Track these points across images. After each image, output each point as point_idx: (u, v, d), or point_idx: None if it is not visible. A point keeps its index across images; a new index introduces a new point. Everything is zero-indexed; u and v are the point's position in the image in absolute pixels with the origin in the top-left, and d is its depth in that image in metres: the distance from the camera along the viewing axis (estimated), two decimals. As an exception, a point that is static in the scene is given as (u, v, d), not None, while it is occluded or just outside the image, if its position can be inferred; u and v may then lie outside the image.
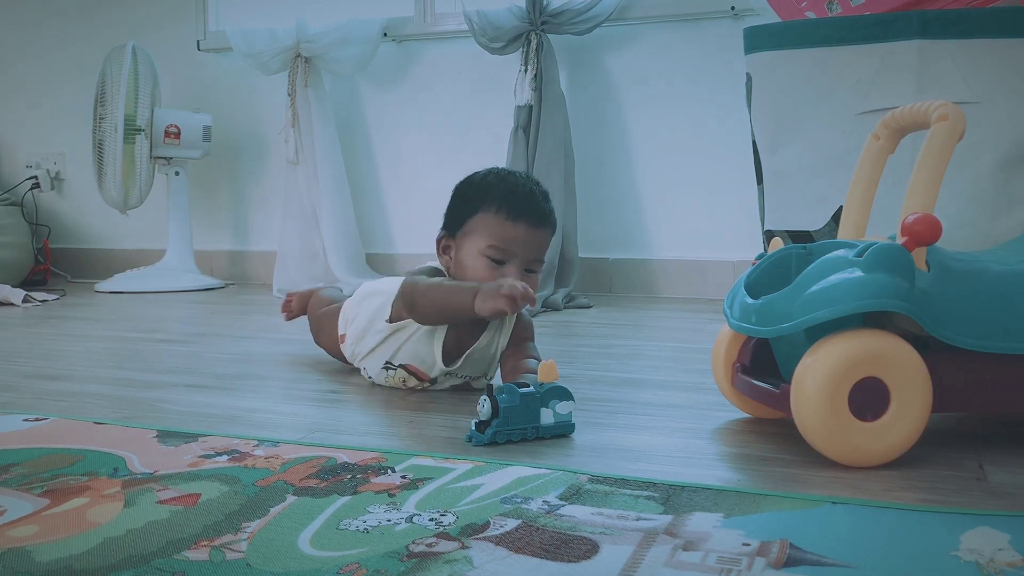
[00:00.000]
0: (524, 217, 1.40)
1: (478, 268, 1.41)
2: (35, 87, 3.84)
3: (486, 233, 1.41)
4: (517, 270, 1.40)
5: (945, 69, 1.70)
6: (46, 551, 0.82)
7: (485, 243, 1.41)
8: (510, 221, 1.40)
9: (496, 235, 1.40)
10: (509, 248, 1.40)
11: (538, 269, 1.45)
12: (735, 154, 2.66)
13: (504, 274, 1.39)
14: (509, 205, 1.41)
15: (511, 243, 1.40)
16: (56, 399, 1.48)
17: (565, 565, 0.77)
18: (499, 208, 1.41)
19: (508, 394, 1.15)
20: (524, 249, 1.41)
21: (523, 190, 1.44)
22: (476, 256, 1.41)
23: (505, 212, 1.40)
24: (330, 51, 3.16)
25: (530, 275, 1.43)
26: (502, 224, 1.40)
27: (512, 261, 1.40)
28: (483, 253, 1.41)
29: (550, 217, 1.44)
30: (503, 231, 1.40)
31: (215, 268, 3.55)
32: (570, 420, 1.19)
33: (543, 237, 1.43)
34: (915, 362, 1.04)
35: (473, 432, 1.16)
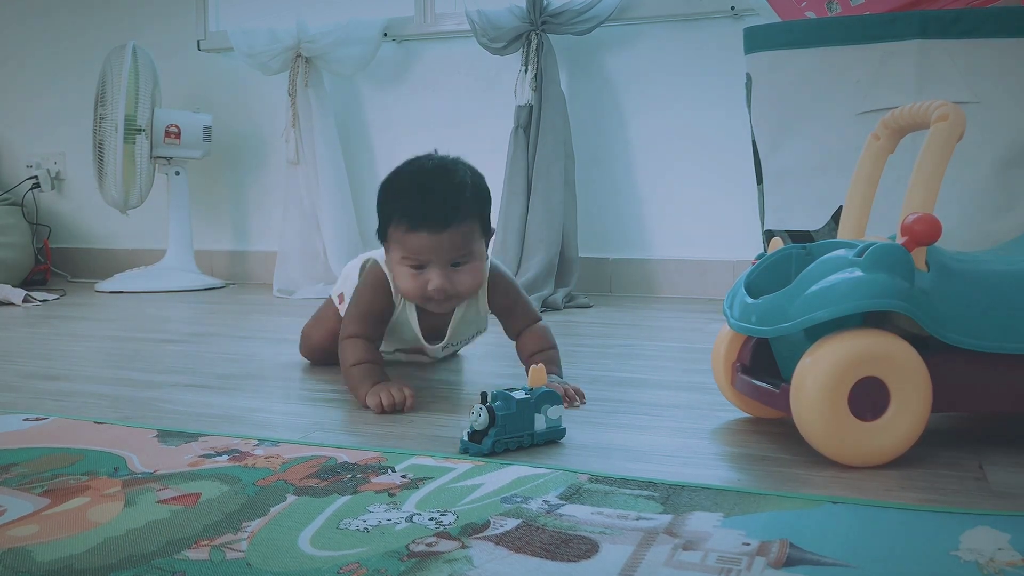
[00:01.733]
0: (423, 226, 1.37)
1: (402, 277, 1.42)
2: (35, 87, 3.84)
3: (397, 245, 1.41)
4: (438, 273, 1.39)
5: (945, 69, 1.70)
6: (46, 551, 0.82)
7: (399, 254, 1.41)
8: (411, 232, 1.38)
9: (404, 247, 1.39)
10: (419, 257, 1.39)
11: (467, 261, 1.41)
12: (735, 154, 2.66)
13: (428, 278, 1.39)
14: (407, 215, 1.38)
15: (419, 252, 1.39)
16: (56, 399, 1.48)
17: (565, 565, 0.77)
18: (399, 220, 1.39)
19: (503, 401, 1.13)
20: (435, 255, 1.38)
21: (422, 192, 1.39)
22: (397, 265, 1.42)
23: (405, 224, 1.38)
24: (330, 51, 3.16)
25: (459, 268, 1.41)
26: (405, 236, 1.38)
27: (429, 265, 1.39)
28: (401, 263, 1.41)
29: (456, 213, 1.37)
30: (408, 242, 1.38)
31: (215, 268, 3.55)
32: (560, 425, 1.18)
33: (452, 237, 1.38)
34: (915, 362, 1.04)
35: (467, 443, 1.13)
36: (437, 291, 1.39)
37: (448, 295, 1.41)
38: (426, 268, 1.39)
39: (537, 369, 1.18)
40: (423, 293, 1.41)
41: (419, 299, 1.43)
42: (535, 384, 1.17)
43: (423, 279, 1.40)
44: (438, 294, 1.40)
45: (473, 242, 1.42)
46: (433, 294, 1.40)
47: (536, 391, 1.16)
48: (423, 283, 1.40)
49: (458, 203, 1.39)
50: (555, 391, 1.18)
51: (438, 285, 1.39)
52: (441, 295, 1.40)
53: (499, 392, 1.15)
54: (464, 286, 1.42)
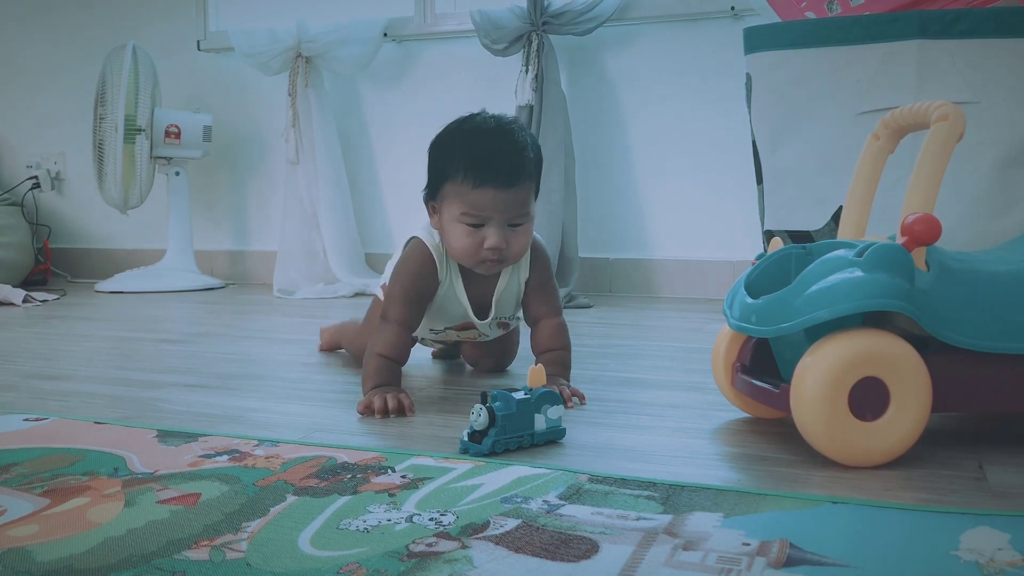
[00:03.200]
0: (490, 182, 1.34)
1: (457, 235, 1.38)
2: (35, 87, 3.84)
3: (457, 201, 1.37)
4: (496, 231, 1.36)
5: (945, 69, 1.70)
6: (46, 551, 0.82)
7: (458, 211, 1.37)
8: (477, 188, 1.35)
9: (466, 203, 1.36)
10: (481, 214, 1.36)
11: (524, 221, 1.39)
12: (735, 154, 2.66)
13: (484, 236, 1.36)
14: (474, 170, 1.35)
15: (482, 208, 1.36)
16: (56, 399, 1.48)
17: (565, 565, 0.77)
18: (464, 175, 1.35)
19: (503, 401, 1.13)
20: (497, 212, 1.36)
21: (488, 149, 1.37)
22: (454, 223, 1.38)
23: (471, 179, 1.35)
24: (331, 51, 3.16)
25: (515, 229, 1.39)
26: (469, 192, 1.35)
27: (489, 223, 1.37)
28: (459, 220, 1.37)
29: (521, 172, 1.37)
30: (471, 198, 1.35)
31: (215, 268, 3.55)
32: (560, 425, 1.17)
33: (517, 195, 1.37)
34: (915, 362, 1.04)
35: (467, 443, 1.12)
36: (493, 249, 1.37)
37: (502, 256, 1.38)
38: (484, 226, 1.37)
39: (536, 369, 1.18)
40: (477, 252, 1.38)
41: (471, 259, 1.39)
42: (534, 384, 1.17)
43: (479, 237, 1.37)
44: (493, 253, 1.37)
45: (531, 204, 1.41)
46: (488, 253, 1.37)
47: (536, 391, 1.16)
48: (479, 241, 1.37)
49: (523, 162, 1.38)
50: (555, 391, 1.17)
51: (495, 243, 1.36)
52: (496, 255, 1.38)
53: (499, 392, 1.15)
54: (518, 247, 1.40)
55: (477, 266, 1.41)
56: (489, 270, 1.42)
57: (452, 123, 1.44)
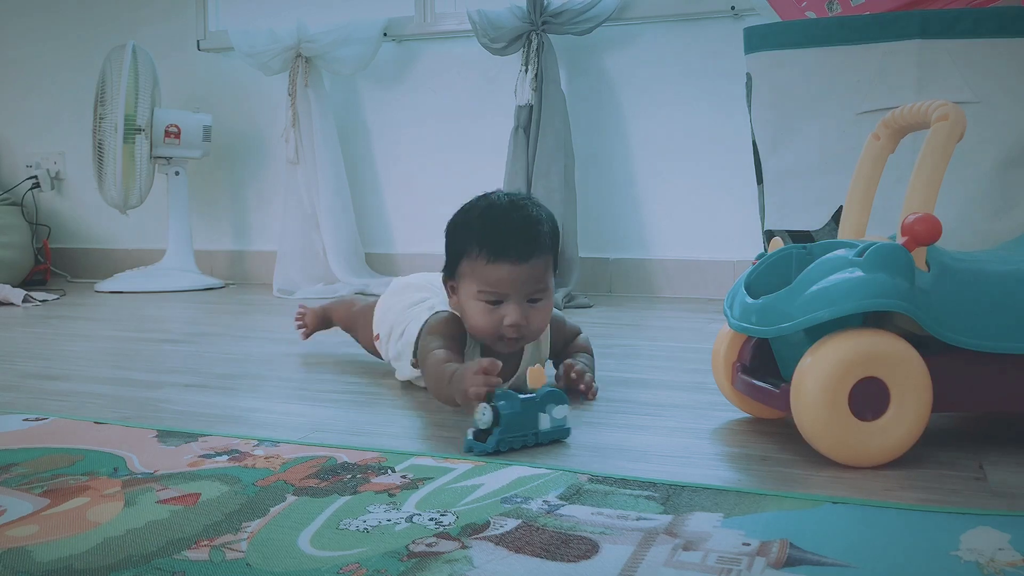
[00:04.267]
0: (505, 257, 1.33)
1: (476, 313, 1.35)
2: (35, 87, 3.84)
3: (473, 278, 1.35)
4: (515, 308, 1.34)
5: (945, 69, 1.70)
6: (46, 551, 0.82)
7: (475, 288, 1.35)
8: (492, 263, 1.33)
9: (482, 280, 1.34)
10: (499, 290, 1.34)
11: (543, 296, 1.37)
12: (735, 154, 2.66)
13: (503, 313, 1.34)
14: (488, 245, 1.33)
15: (499, 285, 1.33)
16: (56, 399, 1.48)
17: (565, 565, 0.77)
18: (479, 251, 1.34)
19: (507, 400, 1.13)
20: (514, 288, 1.34)
21: (503, 226, 1.35)
22: (472, 301, 1.36)
23: (486, 255, 1.33)
24: (330, 51, 3.16)
25: (535, 305, 1.36)
26: (484, 268, 1.33)
27: (507, 300, 1.34)
28: (476, 298, 1.35)
29: (536, 245, 1.35)
30: (487, 275, 1.33)
31: (215, 268, 3.55)
32: (565, 424, 1.17)
33: (534, 269, 1.35)
34: (915, 362, 1.04)
35: (472, 442, 1.12)
36: (512, 327, 1.34)
37: (522, 332, 1.35)
38: (502, 303, 1.34)
39: (535, 369, 1.17)
40: (497, 330, 1.35)
41: (492, 337, 1.36)
42: (535, 385, 1.16)
43: (498, 315, 1.34)
44: (513, 331, 1.34)
45: (549, 277, 1.38)
46: (508, 331, 1.34)
47: (541, 390, 1.15)
48: (498, 319, 1.34)
49: (538, 235, 1.36)
50: (560, 391, 1.17)
51: (514, 320, 1.33)
52: (516, 332, 1.35)
53: (504, 391, 1.15)
54: (538, 323, 1.37)
55: (497, 343, 1.38)
56: (510, 347, 1.39)
57: (471, 201, 1.42)
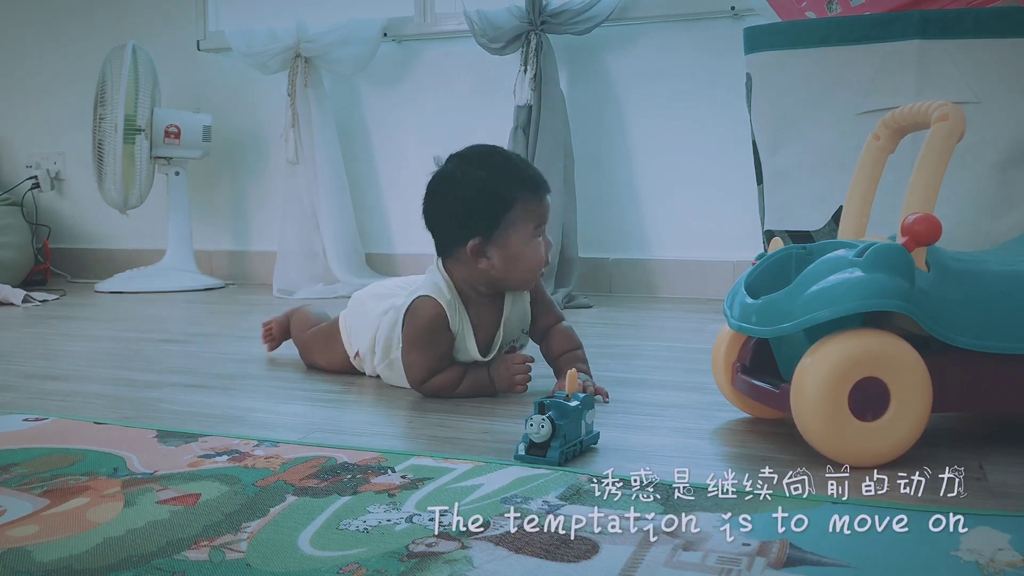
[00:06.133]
0: (544, 187, 1.46)
1: (536, 249, 1.44)
2: (35, 87, 3.84)
3: (526, 218, 1.43)
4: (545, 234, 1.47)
5: (945, 69, 1.70)
6: (46, 551, 0.82)
7: (532, 225, 1.44)
8: (542, 197, 1.45)
9: (537, 215, 1.44)
10: (545, 220, 1.46)
11: None
12: (735, 154, 2.66)
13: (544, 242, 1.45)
14: (533, 183, 1.45)
15: (544, 215, 1.46)
16: (56, 399, 1.48)
17: (565, 565, 0.77)
18: (530, 190, 1.44)
19: (557, 410, 1.10)
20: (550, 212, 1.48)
21: (524, 164, 1.49)
22: (527, 241, 1.43)
23: (535, 191, 1.44)
24: (330, 51, 3.16)
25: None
26: (538, 204, 1.44)
27: (543, 228, 1.46)
28: (533, 235, 1.44)
29: None
30: (541, 208, 1.45)
31: (215, 268, 3.55)
32: (595, 430, 1.16)
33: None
34: (915, 362, 1.04)
35: (529, 456, 1.09)
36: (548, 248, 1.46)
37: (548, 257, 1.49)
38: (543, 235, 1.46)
39: (573, 374, 1.16)
40: (543, 260, 1.46)
41: (539, 269, 1.47)
42: (572, 390, 1.14)
43: (544, 245, 1.46)
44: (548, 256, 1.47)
45: None
46: (548, 255, 1.47)
47: (577, 397, 1.13)
48: (545, 249, 1.46)
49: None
50: (591, 397, 1.16)
51: (550, 243, 1.47)
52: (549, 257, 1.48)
53: (553, 401, 1.11)
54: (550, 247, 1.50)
55: (534, 279, 1.48)
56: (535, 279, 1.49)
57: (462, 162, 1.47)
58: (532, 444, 1.09)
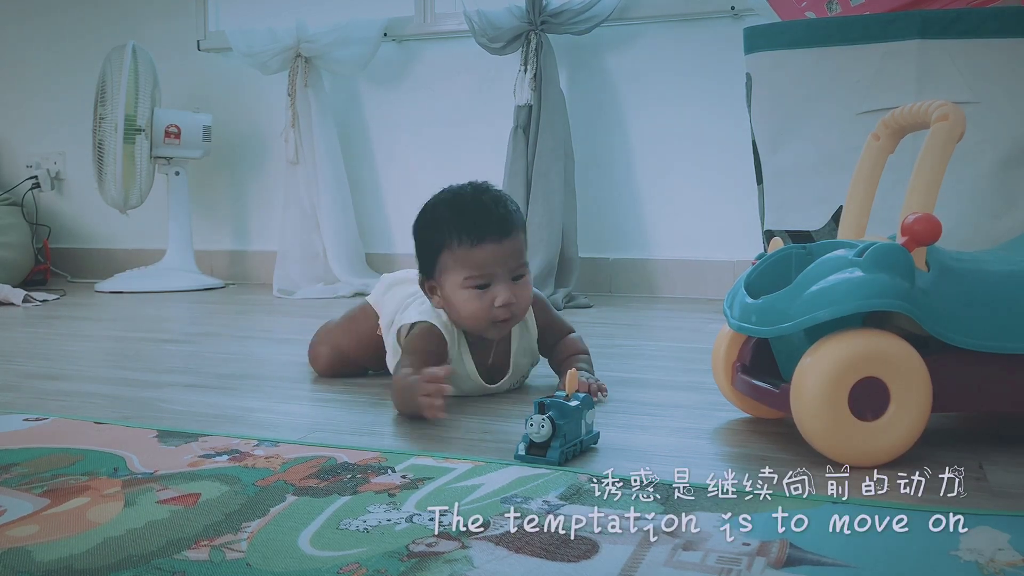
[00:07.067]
0: (487, 236, 1.36)
1: (466, 301, 1.37)
2: (35, 87, 3.84)
3: (458, 267, 1.36)
4: (504, 287, 1.36)
5: (945, 69, 1.70)
6: (46, 551, 0.82)
7: (462, 276, 1.36)
8: (476, 247, 1.35)
9: (468, 265, 1.36)
10: (486, 271, 1.36)
11: (524, 272, 1.40)
12: (735, 154, 2.66)
13: (492, 296, 1.36)
14: (467, 230, 1.36)
15: (485, 267, 1.36)
16: (56, 399, 1.48)
17: (565, 565, 0.77)
18: (460, 238, 1.36)
19: (558, 410, 1.10)
20: (500, 266, 1.36)
21: (474, 207, 1.38)
22: (459, 291, 1.37)
23: (467, 240, 1.35)
24: (330, 51, 3.16)
25: (519, 282, 1.39)
26: (469, 253, 1.35)
27: (495, 281, 1.37)
28: (464, 286, 1.36)
29: (511, 220, 1.39)
30: (473, 259, 1.36)
31: (215, 268, 3.55)
32: (595, 430, 1.16)
33: (514, 244, 1.38)
34: (915, 362, 1.04)
35: (529, 456, 1.09)
36: (504, 306, 1.36)
37: (512, 312, 1.38)
38: (490, 286, 1.36)
39: (572, 374, 1.16)
40: (489, 313, 1.37)
41: (484, 322, 1.38)
42: (571, 389, 1.14)
43: (488, 298, 1.36)
44: (504, 311, 1.36)
45: (525, 253, 1.42)
46: (499, 312, 1.36)
47: (577, 396, 1.13)
48: (489, 302, 1.36)
49: (509, 212, 1.39)
50: (590, 397, 1.16)
51: (505, 299, 1.35)
52: (507, 312, 1.37)
53: (553, 401, 1.11)
54: (524, 300, 1.40)
55: (489, 329, 1.40)
56: (501, 331, 1.41)
57: (432, 199, 1.44)
58: (532, 444, 1.09)
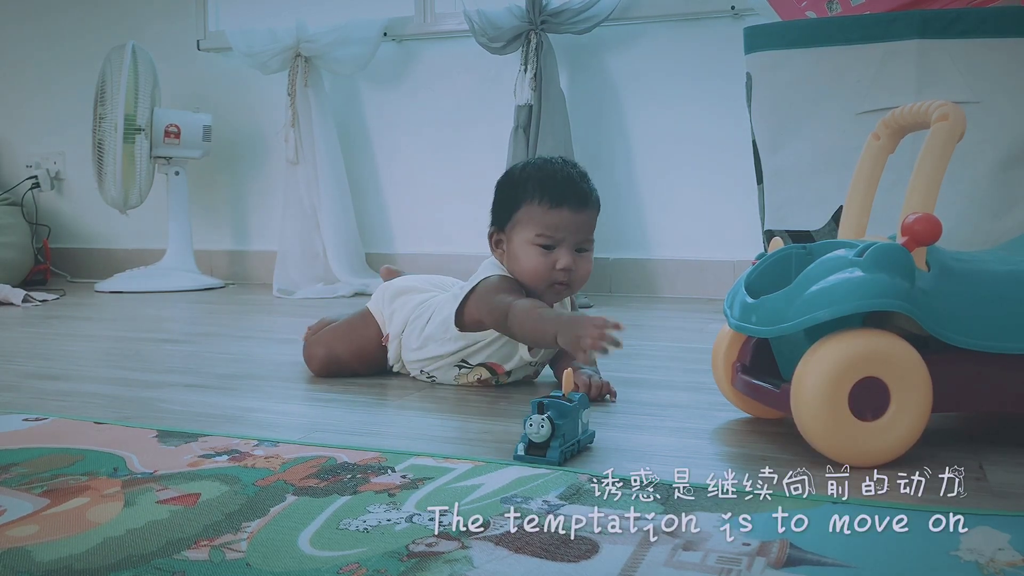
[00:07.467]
0: (566, 202, 1.44)
1: (530, 257, 1.45)
2: (35, 87, 3.84)
3: (532, 223, 1.45)
4: (568, 253, 1.44)
5: (945, 69, 1.70)
6: (46, 551, 0.82)
7: (533, 233, 1.45)
8: (553, 208, 1.44)
9: (542, 224, 1.44)
10: (556, 235, 1.44)
11: (589, 247, 1.48)
12: (735, 154, 2.66)
13: (555, 258, 1.44)
14: (550, 193, 1.45)
15: (557, 229, 1.44)
16: (56, 399, 1.48)
17: (565, 565, 0.77)
18: (541, 197, 1.45)
19: (556, 410, 1.10)
20: (570, 233, 1.45)
21: (561, 175, 1.47)
22: (527, 246, 1.45)
23: (548, 200, 1.44)
24: (330, 51, 3.16)
25: (582, 255, 1.47)
26: (546, 212, 1.44)
27: (561, 246, 1.44)
28: (532, 243, 1.45)
29: (591, 197, 1.48)
30: (548, 219, 1.44)
31: (215, 268, 3.55)
32: (591, 429, 1.16)
33: (587, 218, 1.47)
34: (915, 362, 1.04)
35: (528, 456, 1.08)
36: (564, 270, 1.44)
37: (570, 278, 1.45)
38: (555, 249, 1.44)
39: (568, 373, 1.16)
40: (549, 274, 1.44)
41: (543, 281, 1.45)
42: (568, 389, 1.14)
43: (552, 259, 1.44)
44: (564, 275, 1.44)
45: (594, 231, 1.49)
46: (559, 275, 1.44)
47: (574, 396, 1.13)
48: (551, 263, 1.44)
49: (590, 189, 1.49)
50: (586, 396, 1.16)
51: (567, 263, 1.43)
52: (566, 276, 1.44)
53: (552, 401, 1.11)
54: (584, 271, 1.47)
55: (547, 290, 1.46)
56: (558, 295, 1.48)
57: (519, 163, 1.56)
58: (531, 444, 1.09)
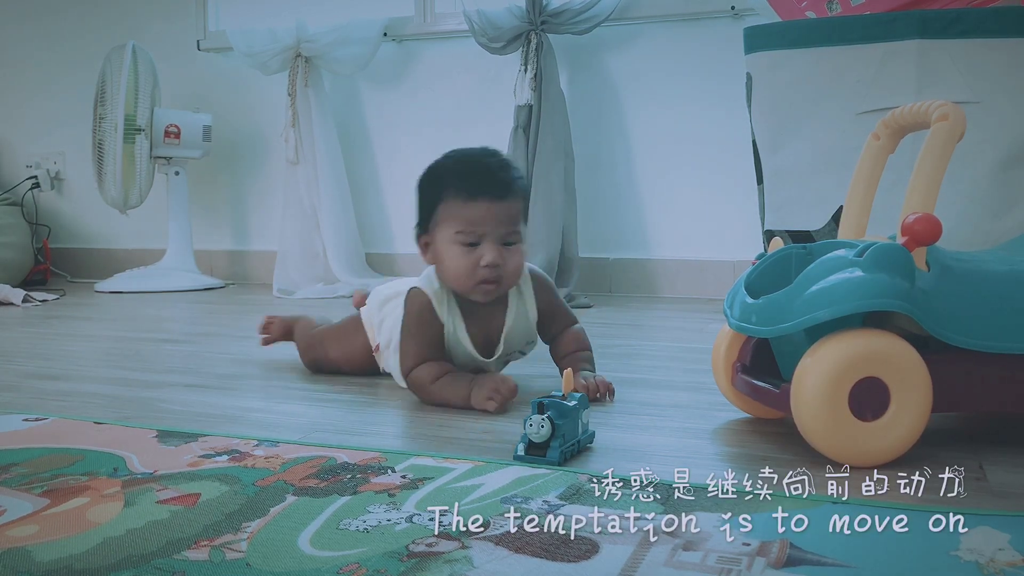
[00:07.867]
0: (484, 193, 1.37)
1: (453, 256, 1.38)
2: (35, 87, 3.84)
3: (451, 219, 1.38)
4: (492, 248, 1.37)
5: (945, 69, 1.70)
6: (46, 551, 0.82)
7: (453, 230, 1.38)
8: (471, 201, 1.37)
9: (460, 219, 1.37)
10: (477, 229, 1.37)
11: (517, 240, 1.41)
12: (735, 154, 2.66)
13: (479, 255, 1.37)
14: (466, 184, 1.37)
15: (477, 223, 1.37)
16: (56, 399, 1.48)
17: (565, 565, 0.77)
18: (456, 190, 1.38)
19: (556, 410, 1.10)
20: (493, 226, 1.37)
21: (478, 166, 1.40)
22: (449, 245, 1.38)
23: (464, 193, 1.37)
24: (330, 51, 3.16)
25: (509, 248, 1.39)
26: (464, 206, 1.37)
27: (484, 241, 1.37)
28: (454, 241, 1.38)
29: (512, 186, 1.40)
30: (466, 212, 1.37)
31: (215, 268, 3.55)
32: (591, 429, 1.16)
33: (510, 209, 1.39)
34: (915, 362, 1.04)
35: (528, 456, 1.09)
36: (490, 266, 1.37)
37: (498, 275, 1.38)
38: (479, 245, 1.37)
39: (568, 374, 1.16)
40: (474, 272, 1.38)
41: (468, 280, 1.39)
42: (568, 389, 1.14)
43: (475, 256, 1.37)
44: (489, 271, 1.37)
45: (521, 222, 1.42)
46: (484, 271, 1.37)
47: (573, 396, 1.13)
48: (475, 261, 1.37)
49: (512, 177, 1.41)
50: (586, 396, 1.16)
51: (491, 259, 1.36)
52: (492, 273, 1.37)
53: (552, 401, 1.11)
54: (513, 266, 1.40)
55: (474, 290, 1.40)
56: (487, 295, 1.41)
57: (442, 155, 1.46)
58: (531, 444, 1.09)
